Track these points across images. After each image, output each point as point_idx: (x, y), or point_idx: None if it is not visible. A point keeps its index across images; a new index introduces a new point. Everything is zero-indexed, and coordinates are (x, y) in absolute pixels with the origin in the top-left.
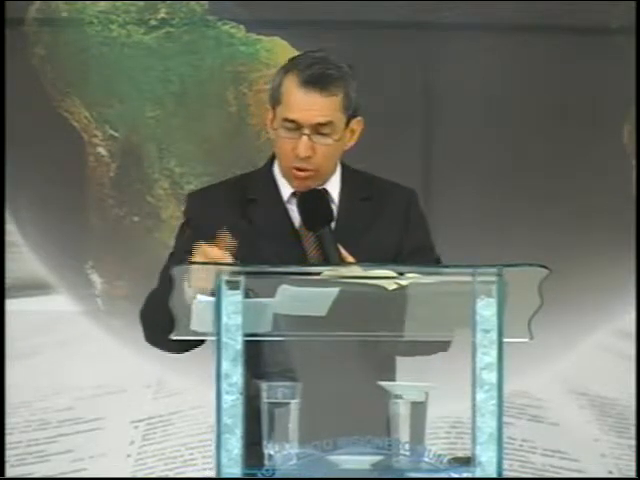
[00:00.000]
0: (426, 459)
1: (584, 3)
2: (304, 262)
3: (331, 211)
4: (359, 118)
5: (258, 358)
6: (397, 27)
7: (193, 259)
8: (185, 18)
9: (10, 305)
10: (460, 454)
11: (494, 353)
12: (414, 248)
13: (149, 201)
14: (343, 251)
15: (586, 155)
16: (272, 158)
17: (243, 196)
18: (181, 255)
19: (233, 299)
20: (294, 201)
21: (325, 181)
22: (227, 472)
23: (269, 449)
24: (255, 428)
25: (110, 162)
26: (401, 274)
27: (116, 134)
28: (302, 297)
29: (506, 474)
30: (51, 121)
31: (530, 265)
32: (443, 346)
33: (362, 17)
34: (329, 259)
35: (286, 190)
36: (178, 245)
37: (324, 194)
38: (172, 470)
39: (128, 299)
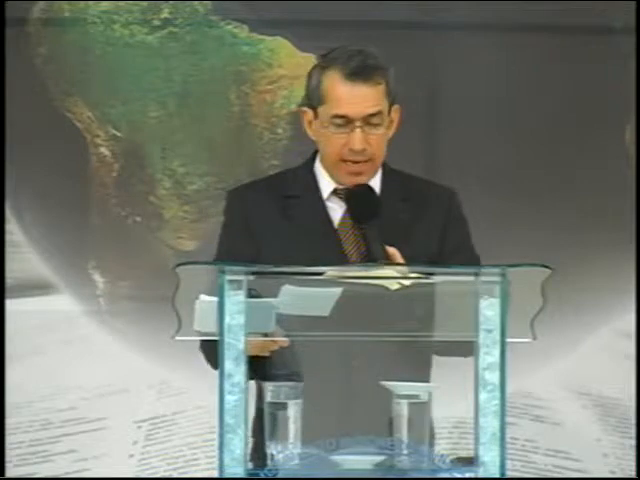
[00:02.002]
0: (429, 459)
1: (584, 3)
2: (343, 262)
3: (379, 205)
4: (396, 106)
5: (266, 359)
6: (399, 27)
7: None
8: (188, 18)
9: (12, 305)
10: (463, 454)
11: (497, 353)
12: (454, 248)
13: (152, 201)
14: (390, 249)
15: (587, 155)
16: (313, 156)
17: (283, 193)
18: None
19: (236, 299)
20: (334, 199)
21: (373, 176)
22: (230, 472)
23: (272, 449)
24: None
25: (113, 162)
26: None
27: (119, 134)
28: (305, 297)
29: (509, 474)
30: (53, 121)
31: (533, 265)
32: None
33: (364, 17)
34: (373, 254)
35: (327, 188)
36: (222, 250)
37: (372, 188)
38: (175, 470)
39: (131, 299)
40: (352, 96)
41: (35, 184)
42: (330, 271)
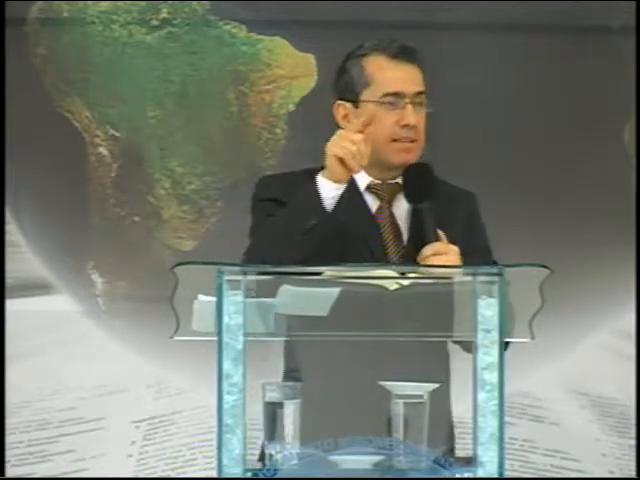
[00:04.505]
0: (427, 459)
1: (584, 3)
2: (381, 253)
3: (435, 185)
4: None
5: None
6: (397, 27)
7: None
8: (187, 18)
9: (11, 305)
10: (461, 454)
11: (495, 353)
12: (473, 250)
13: (150, 201)
14: (440, 232)
15: (586, 155)
16: None
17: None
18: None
19: (234, 299)
20: (367, 194)
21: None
22: (228, 472)
23: (270, 449)
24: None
25: (111, 162)
26: (402, 274)
27: (117, 134)
28: (303, 297)
29: (507, 474)
30: (52, 121)
31: (531, 265)
32: None
33: (362, 17)
34: (426, 235)
35: (363, 181)
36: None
37: (431, 168)
38: (173, 470)
39: (129, 299)
40: (401, 74)
41: (33, 184)
42: (329, 271)
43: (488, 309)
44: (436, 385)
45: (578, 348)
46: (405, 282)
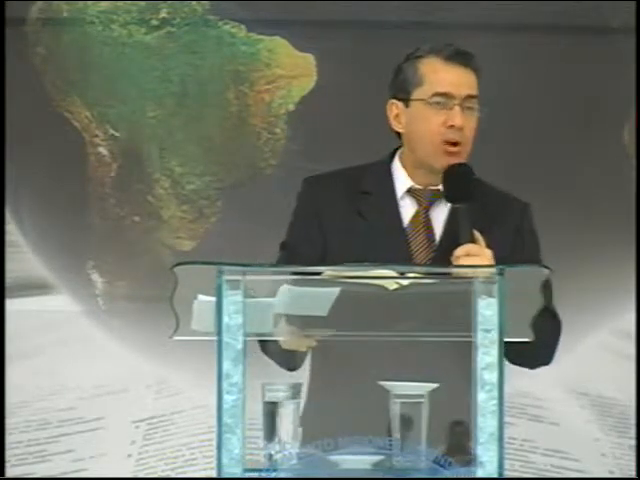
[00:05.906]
0: (427, 459)
1: (584, 3)
2: (409, 262)
3: (475, 188)
4: None
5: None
6: (397, 27)
7: None
8: (186, 18)
9: (10, 305)
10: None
11: (495, 353)
12: (517, 262)
13: (150, 201)
14: (477, 234)
15: (586, 155)
16: (392, 154)
17: (358, 188)
18: (297, 246)
19: (234, 299)
20: (407, 198)
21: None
22: (228, 472)
23: (270, 449)
24: None
25: (111, 162)
26: (402, 274)
27: (117, 134)
28: (303, 297)
29: (507, 474)
30: (52, 121)
31: (531, 265)
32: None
33: (362, 17)
34: (461, 236)
35: (402, 186)
36: (291, 239)
37: (471, 168)
38: (173, 470)
39: (129, 299)
40: (453, 76)
41: (33, 184)
42: (329, 271)
43: (488, 309)
44: (436, 385)
45: (578, 348)
46: (405, 282)
